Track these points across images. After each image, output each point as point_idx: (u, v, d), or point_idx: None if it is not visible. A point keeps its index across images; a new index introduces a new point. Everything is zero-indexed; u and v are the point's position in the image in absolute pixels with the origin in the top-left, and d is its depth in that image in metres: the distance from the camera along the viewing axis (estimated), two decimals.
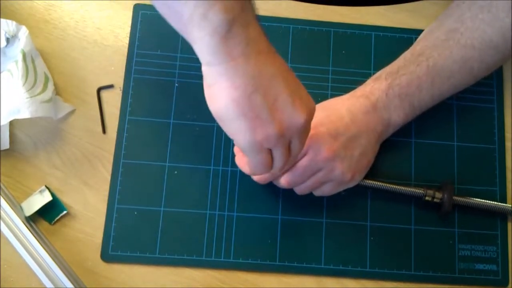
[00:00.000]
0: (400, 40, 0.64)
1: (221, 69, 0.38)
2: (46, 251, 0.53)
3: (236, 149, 0.56)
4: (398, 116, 0.54)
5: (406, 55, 0.56)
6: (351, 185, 0.55)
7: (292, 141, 0.43)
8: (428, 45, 0.55)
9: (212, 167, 0.59)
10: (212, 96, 0.40)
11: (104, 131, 0.60)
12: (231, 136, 0.42)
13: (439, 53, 0.53)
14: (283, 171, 0.52)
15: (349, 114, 0.53)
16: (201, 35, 0.37)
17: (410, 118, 0.56)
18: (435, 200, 0.57)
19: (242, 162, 0.52)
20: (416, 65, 0.54)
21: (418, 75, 0.53)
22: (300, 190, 0.54)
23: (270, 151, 0.43)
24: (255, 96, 0.39)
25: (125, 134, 0.59)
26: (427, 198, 0.57)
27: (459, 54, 0.53)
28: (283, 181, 0.53)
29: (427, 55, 0.54)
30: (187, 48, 0.61)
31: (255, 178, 0.55)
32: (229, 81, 0.38)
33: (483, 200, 0.58)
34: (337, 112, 0.53)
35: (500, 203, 0.58)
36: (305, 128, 0.43)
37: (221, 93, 0.39)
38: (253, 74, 0.38)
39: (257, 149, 0.41)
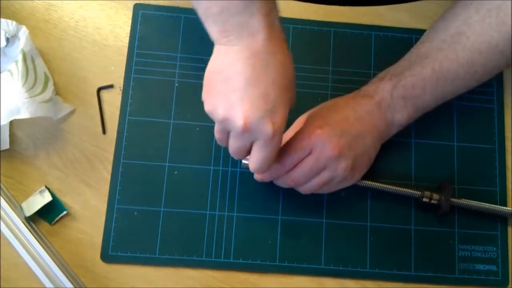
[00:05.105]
0: (400, 40, 0.64)
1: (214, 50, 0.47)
2: (46, 251, 0.53)
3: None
4: (401, 117, 0.55)
5: (411, 56, 0.55)
6: (350, 183, 0.55)
7: (256, 141, 0.46)
8: (434, 46, 0.54)
9: (212, 167, 0.59)
10: None
11: (104, 131, 0.60)
12: None
13: (445, 56, 0.53)
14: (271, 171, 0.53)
15: (354, 113, 0.53)
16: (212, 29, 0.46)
17: (412, 119, 0.56)
18: (432, 201, 0.57)
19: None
20: (421, 67, 0.54)
21: (424, 77, 0.53)
22: (304, 189, 0.54)
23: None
24: (215, 75, 0.46)
25: (125, 134, 0.59)
26: (424, 199, 0.57)
27: (465, 58, 0.53)
28: (289, 180, 0.53)
29: (433, 58, 0.54)
30: (187, 48, 0.62)
31: (257, 177, 0.55)
32: (211, 59, 0.47)
33: (481, 203, 0.58)
34: (342, 111, 0.53)
35: (498, 206, 0.58)
36: (245, 129, 0.44)
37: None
38: (221, 60, 0.46)
39: (215, 119, 0.47)
